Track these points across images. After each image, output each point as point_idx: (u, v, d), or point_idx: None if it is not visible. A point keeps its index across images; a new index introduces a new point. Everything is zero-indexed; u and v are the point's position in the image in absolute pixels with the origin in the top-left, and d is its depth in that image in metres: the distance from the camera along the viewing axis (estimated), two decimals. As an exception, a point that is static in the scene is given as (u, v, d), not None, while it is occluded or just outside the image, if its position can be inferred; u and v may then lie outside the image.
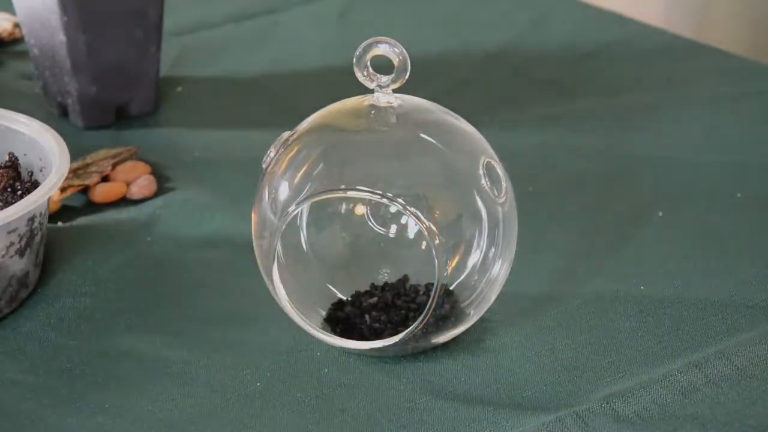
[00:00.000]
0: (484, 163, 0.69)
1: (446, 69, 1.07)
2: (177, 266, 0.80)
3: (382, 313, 0.72)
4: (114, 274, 0.79)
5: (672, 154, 0.93)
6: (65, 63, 0.95)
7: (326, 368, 0.70)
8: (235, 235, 0.82)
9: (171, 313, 0.75)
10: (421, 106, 0.70)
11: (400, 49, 0.68)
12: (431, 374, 0.70)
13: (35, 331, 0.74)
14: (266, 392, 0.69)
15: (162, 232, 0.83)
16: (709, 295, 0.76)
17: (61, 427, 0.67)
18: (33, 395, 0.69)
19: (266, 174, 0.70)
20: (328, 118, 0.70)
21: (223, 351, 0.72)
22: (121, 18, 0.95)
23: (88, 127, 0.97)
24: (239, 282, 0.78)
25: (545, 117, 0.99)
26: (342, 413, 0.67)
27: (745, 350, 0.70)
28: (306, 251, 0.74)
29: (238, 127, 0.98)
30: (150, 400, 0.68)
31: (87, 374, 0.70)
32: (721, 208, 0.85)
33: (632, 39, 1.13)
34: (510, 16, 1.17)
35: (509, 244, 0.70)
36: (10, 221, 0.71)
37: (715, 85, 1.04)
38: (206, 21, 1.17)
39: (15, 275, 0.74)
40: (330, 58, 1.09)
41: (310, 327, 0.70)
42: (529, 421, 0.66)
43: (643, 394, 0.67)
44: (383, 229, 0.75)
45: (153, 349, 0.72)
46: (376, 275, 0.74)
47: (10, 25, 1.12)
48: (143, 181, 0.88)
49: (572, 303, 0.75)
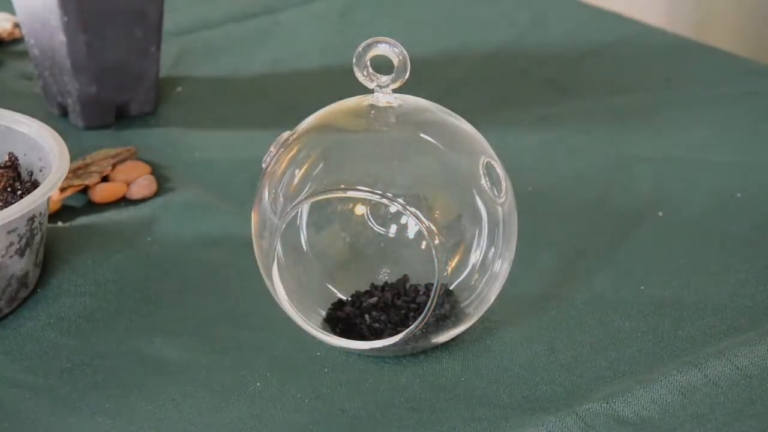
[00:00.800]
0: (484, 163, 0.69)
1: (446, 69, 1.07)
2: (177, 266, 0.80)
3: (382, 313, 0.72)
4: (114, 274, 0.79)
5: (672, 154, 0.93)
6: (65, 63, 0.95)
7: (326, 368, 0.70)
8: (235, 235, 0.82)
9: (171, 313, 0.75)
10: (421, 106, 0.70)
11: (400, 49, 0.68)
12: (431, 374, 0.70)
13: (35, 331, 0.74)
14: (266, 392, 0.69)
15: (162, 232, 0.83)
16: (709, 295, 0.76)
17: (61, 427, 0.67)
18: (33, 395, 0.69)
19: (266, 174, 0.70)
20: (328, 118, 0.70)
21: (223, 351, 0.72)
22: (121, 18, 0.95)
23: (88, 127, 0.97)
24: (239, 282, 0.78)
25: (545, 117, 0.99)
26: (342, 413, 0.67)
27: (745, 350, 0.70)
28: (306, 251, 0.74)
29: (238, 127, 0.98)
30: (150, 400, 0.68)
31: (87, 374, 0.70)
32: (721, 208, 0.85)
33: (632, 39, 1.12)
34: (510, 16, 1.17)
35: (509, 244, 0.70)
36: (10, 221, 0.71)
37: (715, 85, 1.04)
38: (206, 21, 1.17)
39: (15, 275, 0.74)
40: (330, 58, 1.09)
41: (310, 327, 0.70)
42: (529, 421, 0.66)
43: (643, 394, 0.67)
44: (383, 229, 0.75)
45: (153, 349, 0.72)
46: (376, 275, 0.74)
47: (10, 25, 1.12)
48: (143, 181, 0.88)
49: (572, 303, 0.75)
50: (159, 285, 0.78)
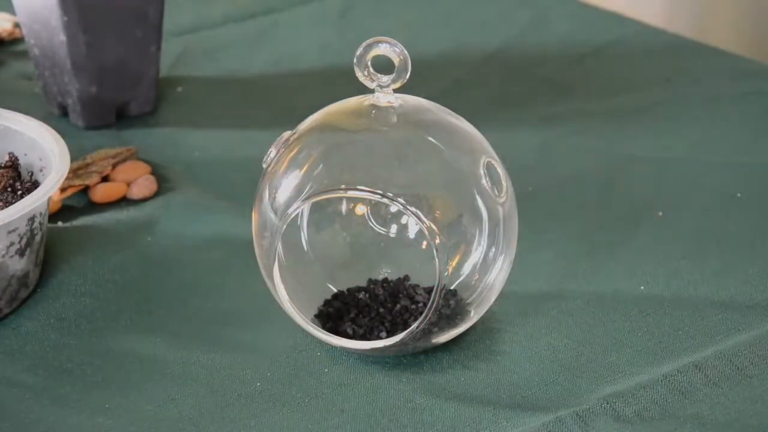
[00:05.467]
0: (484, 162, 0.69)
1: (446, 69, 1.07)
2: (177, 266, 0.80)
3: (365, 317, 0.72)
4: (114, 274, 0.79)
5: (672, 154, 0.93)
6: (65, 63, 0.95)
7: (326, 368, 0.70)
8: (235, 235, 0.82)
9: (171, 313, 0.75)
10: (421, 106, 0.70)
11: (401, 49, 0.68)
12: (431, 374, 0.70)
13: (35, 331, 0.74)
14: (266, 392, 0.69)
15: (162, 232, 0.83)
16: (709, 295, 0.76)
17: (61, 427, 0.67)
18: (33, 395, 0.69)
19: (267, 174, 0.70)
20: (328, 117, 0.70)
21: (223, 351, 0.72)
22: (121, 18, 0.95)
23: (88, 127, 0.97)
24: (239, 282, 0.78)
25: (545, 117, 0.99)
26: (342, 413, 0.67)
27: (745, 350, 0.71)
28: (306, 251, 0.74)
29: (238, 127, 0.98)
30: (150, 400, 0.68)
31: (87, 374, 0.70)
32: (721, 208, 0.85)
33: (632, 39, 1.12)
34: (510, 16, 1.17)
35: (509, 244, 0.70)
36: (10, 221, 0.71)
37: (715, 85, 1.04)
38: (206, 21, 1.17)
39: (15, 275, 0.74)
40: (330, 58, 1.09)
41: (311, 327, 0.70)
42: (529, 421, 0.66)
43: (643, 394, 0.68)
44: (384, 228, 0.75)
45: (153, 349, 0.72)
46: (377, 275, 0.74)
47: (10, 25, 1.12)
48: (143, 181, 0.88)
49: (572, 303, 0.75)
50: (159, 285, 0.78)
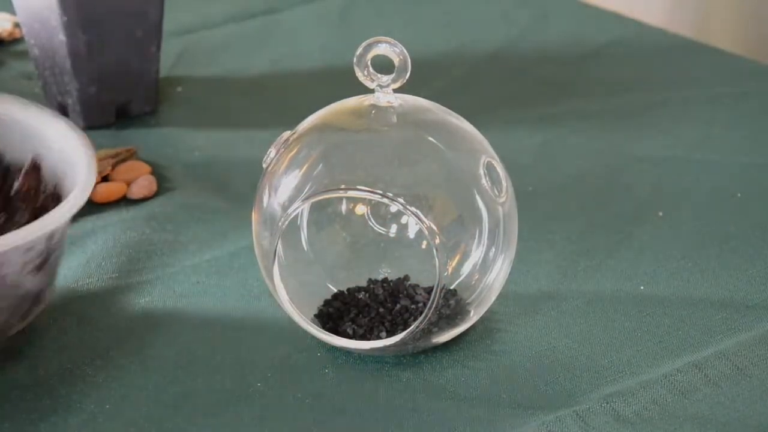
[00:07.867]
0: (484, 162, 0.69)
1: (446, 69, 1.07)
2: (177, 266, 0.80)
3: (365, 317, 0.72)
4: (114, 274, 0.79)
5: (672, 154, 0.93)
6: (65, 63, 0.95)
7: (326, 368, 0.70)
8: (235, 235, 0.82)
9: (171, 314, 0.75)
10: (421, 106, 0.70)
11: (401, 49, 0.68)
12: (431, 374, 0.70)
13: (36, 330, 0.74)
14: (266, 392, 0.69)
15: (162, 232, 0.83)
16: (709, 295, 0.76)
17: (61, 427, 0.67)
18: (33, 395, 0.69)
19: (267, 174, 0.70)
20: (328, 117, 0.70)
21: (224, 351, 0.72)
22: (121, 18, 0.95)
23: (89, 127, 0.97)
24: (239, 282, 0.78)
25: (545, 117, 0.99)
26: (342, 413, 0.67)
27: (745, 350, 0.71)
28: (306, 251, 0.74)
29: (238, 127, 0.98)
30: (150, 400, 0.68)
31: (87, 374, 0.70)
32: (721, 208, 0.85)
33: (632, 39, 1.12)
34: (510, 16, 1.17)
35: (509, 244, 0.70)
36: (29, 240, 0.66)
37: (715, 85, 1.04)
38: (206, 21, 1.17)
39: (29, 292, 0.71)
40: (330, 58, 1.09)
41: (311, 327, 0.70)
42: (529, 421, 0.66)
43: (643, 394, 0.68)
44: (384, 228, 0.75)
45: (153, 349, 0.72)
46: (377, 275, 0.74)
47: (10, 25, 1.12)
48: (143, 181, 0.88)
49: (572, 303, 0.75)
50: (159, 285, 0.78)
